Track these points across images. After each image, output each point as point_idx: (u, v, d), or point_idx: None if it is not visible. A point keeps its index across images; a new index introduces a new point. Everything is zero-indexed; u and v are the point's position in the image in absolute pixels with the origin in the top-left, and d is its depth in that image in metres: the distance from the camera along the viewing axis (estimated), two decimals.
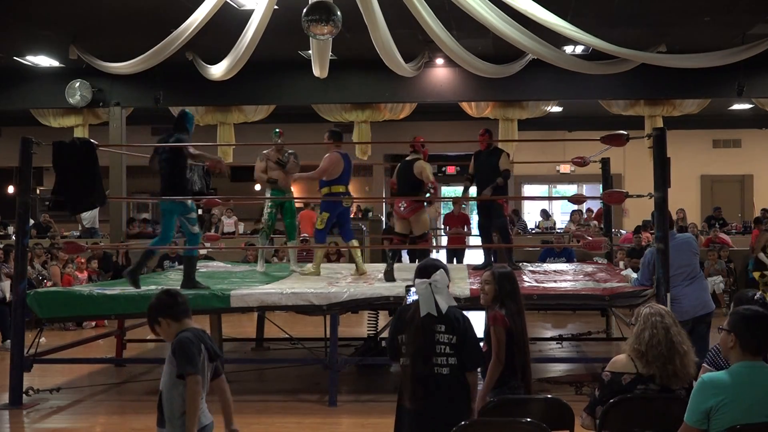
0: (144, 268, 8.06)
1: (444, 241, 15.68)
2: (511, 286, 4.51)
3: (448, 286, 4.06)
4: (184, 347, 3.81)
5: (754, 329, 3.48)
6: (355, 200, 8.54)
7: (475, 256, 13.52)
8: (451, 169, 22.03)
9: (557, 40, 10.43)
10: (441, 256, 14.15)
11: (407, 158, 8.47)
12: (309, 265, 9.11)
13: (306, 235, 15.27)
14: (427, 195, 8.33)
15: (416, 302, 4.03)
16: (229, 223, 16.75)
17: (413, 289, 4.14)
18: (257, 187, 15.55)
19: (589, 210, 16.31)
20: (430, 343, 3.93)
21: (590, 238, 9.45)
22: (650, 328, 3.86)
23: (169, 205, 7.73)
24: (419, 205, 8.27)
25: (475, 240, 13.25)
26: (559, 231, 16.29)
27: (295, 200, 19.42)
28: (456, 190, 23.59)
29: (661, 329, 3.85)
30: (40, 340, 7.72)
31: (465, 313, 4.17)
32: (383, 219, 16.68)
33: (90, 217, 16.13)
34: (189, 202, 7.72)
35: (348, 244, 8.98)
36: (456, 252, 11.10)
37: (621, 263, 11.79)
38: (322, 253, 8.89)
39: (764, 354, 3.52)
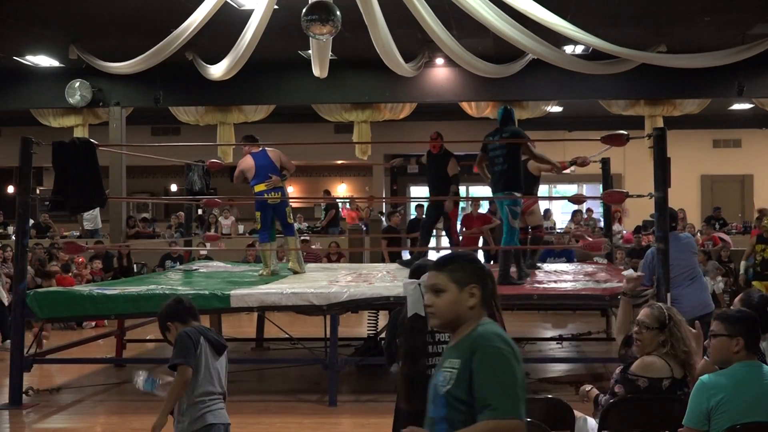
0: (511, 267, 8.14)
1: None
2: (493, 284, 4.43)
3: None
4: (180, 341, 3.90)
5: (756, 327, 3.52)
6: (284, 198, 8.67)
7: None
8: None
9: (557, 40, 10.43)
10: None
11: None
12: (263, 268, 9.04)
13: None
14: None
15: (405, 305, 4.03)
16: (226, 224, 16.76)
17: None
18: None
19: (589, 210, 16.32)
20: (420, 344, 3.91)
21: (590, 239, 9.47)
22: (682, 330, 3.85)
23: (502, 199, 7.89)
24: (533, 200, 8.97)
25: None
26: (559, 231, 16.28)
27: (293, 200, 19.39)
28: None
29: (686, 328, 3.86)
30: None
31: None
32: (383, 219, 16.67)
33: (91, 218, 16.15)
34: (517, 194, 7.84)
35: (286, 240, 9.01)
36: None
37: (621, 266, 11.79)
38: (268, 253, 8.90)
39: (759, 349, 3.57)
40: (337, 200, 19.43)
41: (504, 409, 2.39)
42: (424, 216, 10.03)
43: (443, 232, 10.36)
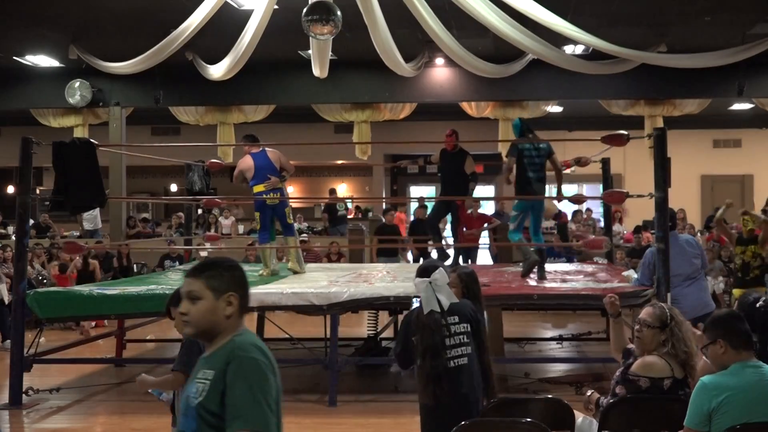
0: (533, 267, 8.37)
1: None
2: (477, 287, 4.49)
3: (448, 284, 4.10)
4: (188, 347, 3.91)
5: (735, 326, 3.53)
6: (283, 199, 8.69)
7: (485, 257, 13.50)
8: None
9: (557, 40, 10.43)
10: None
11: None
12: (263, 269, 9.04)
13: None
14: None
15: (418, 305, 4.11)
16: (226, 224, 16.76)
17: (417, 299, 4.24)
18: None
19: (588, 210, 16.32)
20: (439, 338, 3.99)
21: (590, 237, 9.49)
22: (683, 330, 3.84)
23: (521, 203, 8.09)
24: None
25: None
26: None
27: (293, 200, 19.34)
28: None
29: (688, 329, 3.86)
30: (40, 340, 7.72)
31: None
32: (383, 219, 16.67)
33: (91, 218, 16.14)
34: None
35: (286, 240, 9.02)
36: (469, 253, 11.25)
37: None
38: (268, 252, 8.92)
39: (753, 347, 3.56)
40: (342, 200, 19.40)
41: (254, 421, 2.31)
42: (430, 212, 10.04)
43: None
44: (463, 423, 3.67)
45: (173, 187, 23.01)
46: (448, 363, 3.99)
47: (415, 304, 4.28)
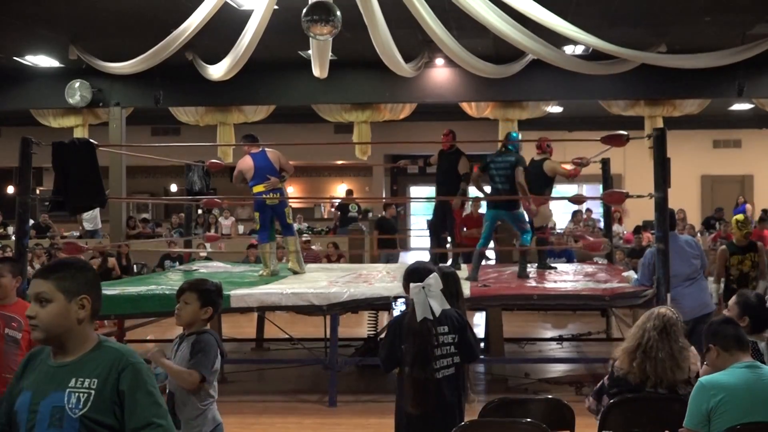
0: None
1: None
2: (458, 288, 4.35)
3: (441, 290, 3.98)
4: (210, 350, 3.88)
5: (723, 330, 3.57)
6: (282, 199, 8.69)
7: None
8: None
9: (557, 40, 10.42)
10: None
11: (535, 158, 9.19)
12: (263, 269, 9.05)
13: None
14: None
15: (409, 309, 4.00)
16: (226, 224, 16.76)
17: (400, 300, 4.14)
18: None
19: (588, 210, 16.33)
20: (430, 347, 3.89)
21: (591, 238, 9.49)
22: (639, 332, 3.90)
23: (489, 212, 8.57)
24: (543, 200, 9.14)
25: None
26: (559, 231, 16.28)
27: (293, 200, 19.34)
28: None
29: (639, 334, 3.87)
30: None
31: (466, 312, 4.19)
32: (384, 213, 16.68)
33: (91, 218, 16.14)
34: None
35: (285, 240, 9.03)
36: (469, 253, 11.28)
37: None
38: (268, 253, 8.92)
39: (747, 347, 3.57)
40: (353, 200, 19.41)
41: (168, 425, 2.36)
42: (432, 216, 10.08)
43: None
44: (462, 424, 3.67)
45: (173, 187, 23.03)
46: (435, 374, 3.88)
47: (396, 307, 4.15)
